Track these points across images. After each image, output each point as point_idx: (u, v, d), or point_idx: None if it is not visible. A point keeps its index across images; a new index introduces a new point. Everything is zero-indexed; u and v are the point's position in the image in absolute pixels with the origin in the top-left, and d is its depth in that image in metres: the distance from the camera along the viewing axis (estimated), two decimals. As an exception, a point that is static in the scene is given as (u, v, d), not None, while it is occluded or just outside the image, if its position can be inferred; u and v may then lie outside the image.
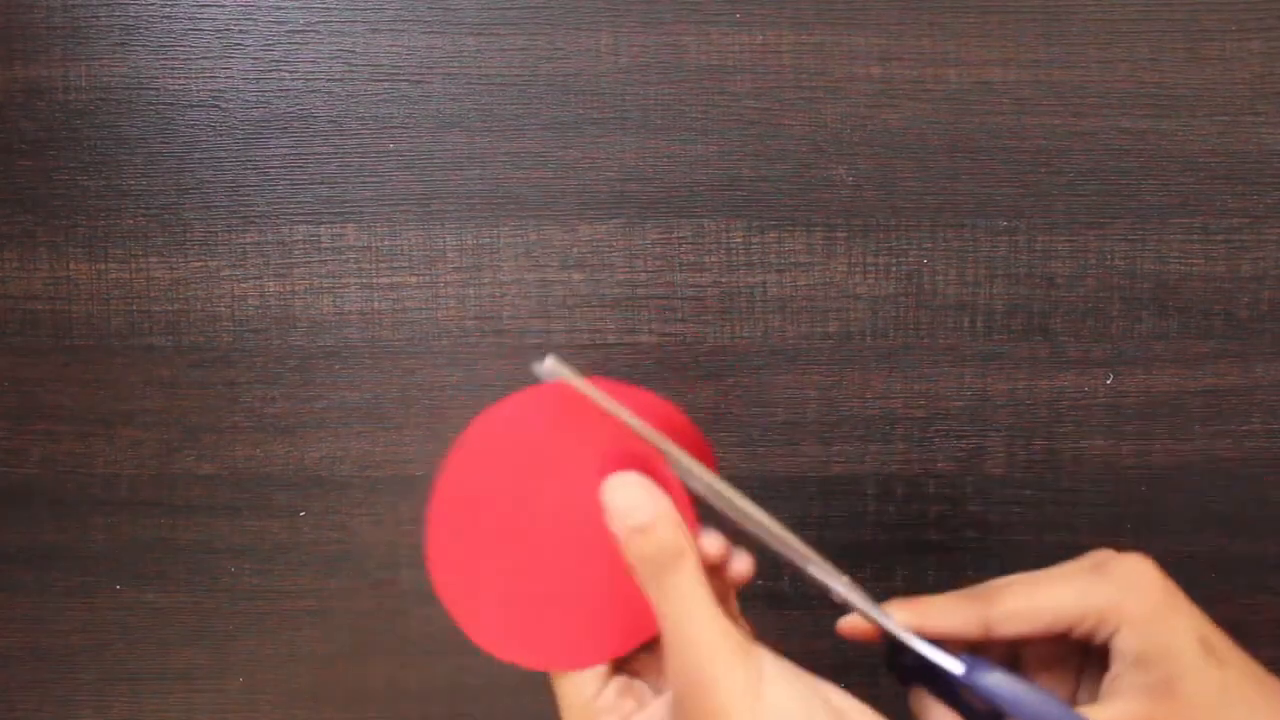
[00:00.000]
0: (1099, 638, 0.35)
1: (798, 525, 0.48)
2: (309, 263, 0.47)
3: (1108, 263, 0.47)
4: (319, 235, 0.47)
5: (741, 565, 0.35)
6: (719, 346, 0.47)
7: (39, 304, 0.48)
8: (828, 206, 0.46)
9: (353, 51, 0.46)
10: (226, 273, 0.47)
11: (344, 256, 0.47)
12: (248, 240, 0.47)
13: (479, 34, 0.46)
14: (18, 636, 0.49)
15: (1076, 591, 0.35)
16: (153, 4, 0.46)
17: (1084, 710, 0.34)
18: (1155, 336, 0.47)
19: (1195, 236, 0.47)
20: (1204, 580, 0.48)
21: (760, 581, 0.48)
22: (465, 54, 0.46)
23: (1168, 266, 0.47)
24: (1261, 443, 0.47)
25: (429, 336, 0.47)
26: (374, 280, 0.47)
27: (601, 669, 0.33)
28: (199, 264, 0.47)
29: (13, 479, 0.48)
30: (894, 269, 0.47)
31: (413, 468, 0.48)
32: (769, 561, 0.49)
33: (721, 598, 0.33)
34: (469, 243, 0.47)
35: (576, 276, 0.47)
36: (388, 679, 0.49)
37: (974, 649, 0.36)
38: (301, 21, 0.46)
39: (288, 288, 0.47)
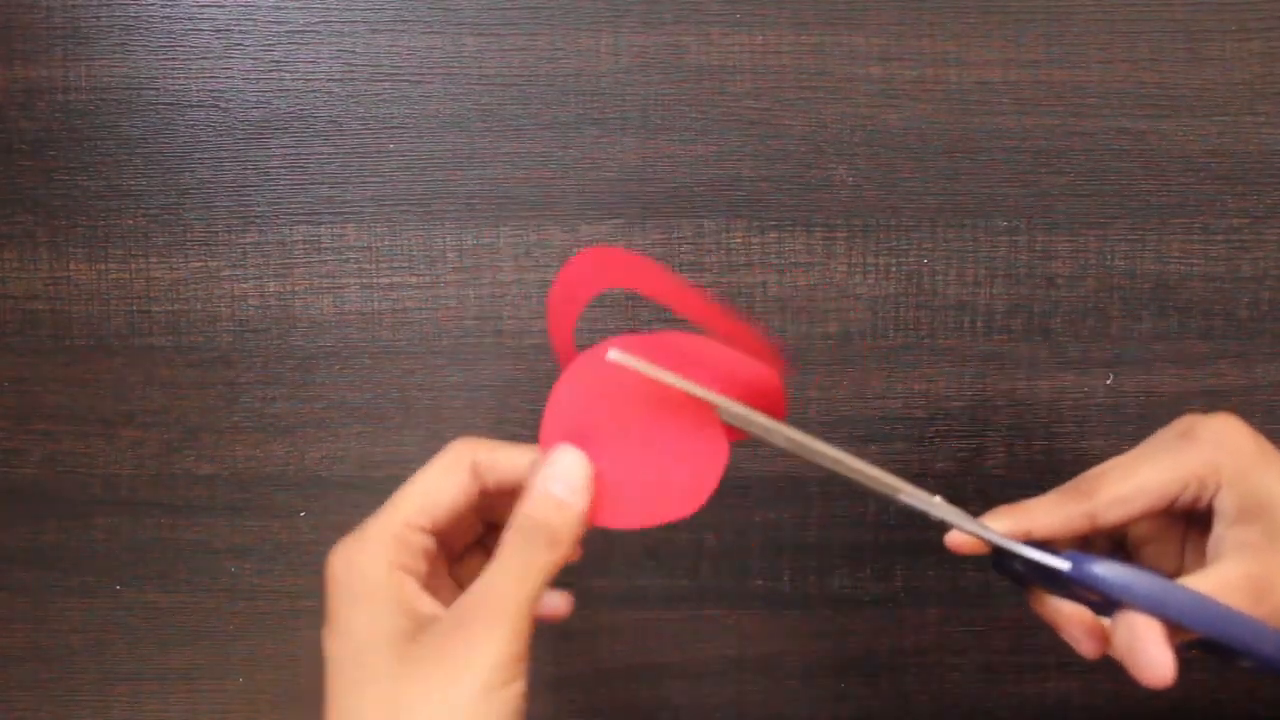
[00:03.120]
0: (1201, 503, 0.35)
1: (799, 525, 0.48)
2: (309, 263, 0.47)
3: (1108, 263, 0.47)
4: (319, 235, 0.47)
5: (555, 603, 0.36)
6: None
7: (39, 304, 0.48)
8: (828, 206, 0.46)
9: (353, 51, 0.46)
10: (226, 273, 0.47)
11: (344, 256, 0.47)
12: (248, 240, 0.47)
13: (479, 34, 0.46)
14: (18, 636, 0.49)
15: (1172, 463, 0.35)
16: (153, 4, 0.46)
17: (1190, 578, 0.34)
18: (1155, 336, 0.47)
19: (1195, 236, 0.47)
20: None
21: (760, 582, 0.48)
22: (465, 54, 0.46)
23: (1168, 266, 0.47)
24: (1261, 443, 0.47)
25: (429, 336, 0.47)
26: (374, 280, 0.47)
27: (443, 519, 0.34)
28: (199, 264, 0.47)
29: (13, 479, 0.48)
30: (894, 269, 0.47)
31: (413, 468, 0.48)
32: (770, 558, 0.49)
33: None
34: (469, 243, 0.47)
35: (576, 276, 0.47)
36: (388, 679, 0.49)
37: (1081, 543, 0.36)
38: (301, 21, 0.46)
39: (288, 288, 0.47)
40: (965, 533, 0.35)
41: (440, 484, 0.34)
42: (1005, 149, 0.46)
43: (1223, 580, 0.33)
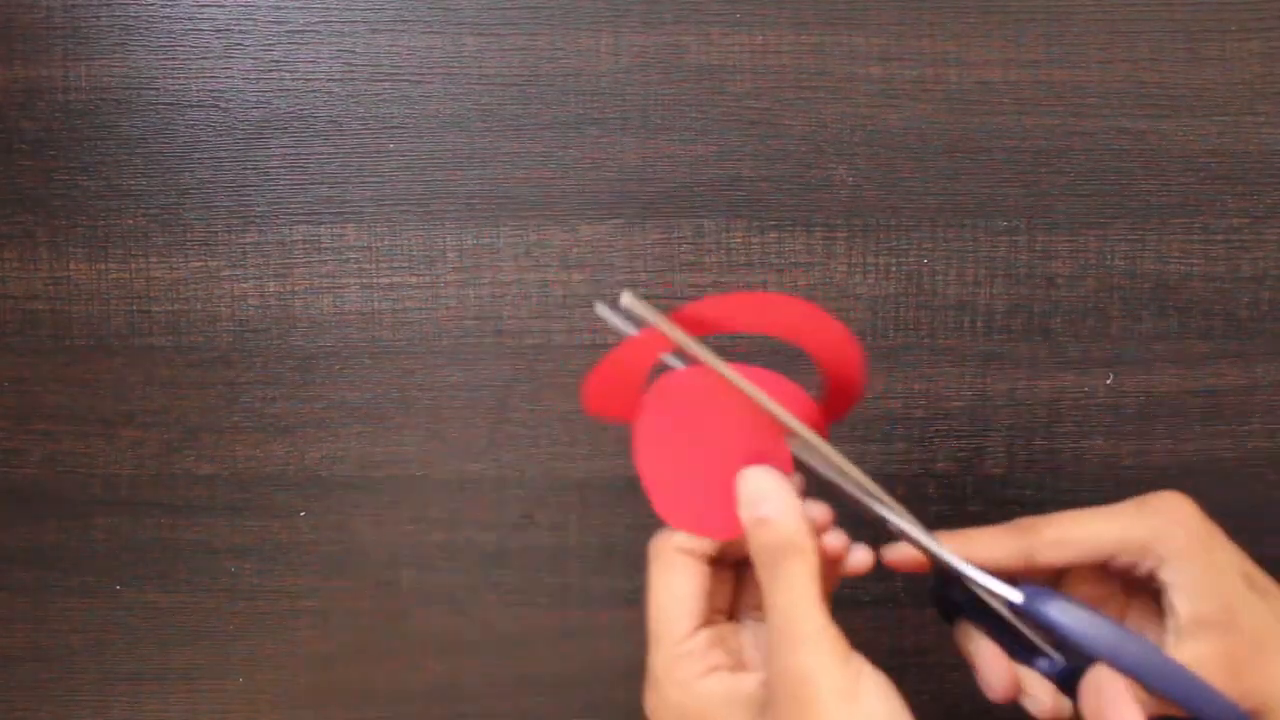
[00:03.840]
0: (1141, 570, 0.35)
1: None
2: (309, 263, 0.47)
3: (1108, 263, 0.47)
4: (319, 235, 0.47)
5: (860, 557, 0.36)
6: (719, 347, 0.47)
7: (39, 304, 0.48)
8: (828, 206, 0.46)
9: (353, 51, 0.46)
10: (226, 273, 0.47)
11: (344, 256, 0.47)
12: (248, 240, 0.47)
13: (479, 34, 0.46)
14: (18, 636, 0.49)
15: (1119, 524, 0.35)
16: (153, 4, 0.46)
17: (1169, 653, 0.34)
18: (1155, 336, 0.47)
19: (1195, 236, 0.47)
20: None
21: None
22: (465, 54, 0.46)
23: (1168, 266, 0.47)
24: (1261, 443, 0.47)
25: (429, 336, 0.47)
26: (374, 280, 0.47)
27: (697, 614, 0.35)
28: (199, 264, 0.47)
29: (13, 479, 0.48)
30: (894, 269, 0.47)
31: (413, 468, 0.48)
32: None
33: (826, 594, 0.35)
34: (469, 243, 0.47)
35: (576, 276, 0.47)
36: (388, 679, 0.49)
37: (1013, 581, 0.36)
38: (301, 21, 0.46)
39: (288, 288, 0.47)
40: (922, 550, 0.35)
41: (674, 590, 0.35)
42: (1005, 149, 0.46)
43: (1197, 655, 0.33)
